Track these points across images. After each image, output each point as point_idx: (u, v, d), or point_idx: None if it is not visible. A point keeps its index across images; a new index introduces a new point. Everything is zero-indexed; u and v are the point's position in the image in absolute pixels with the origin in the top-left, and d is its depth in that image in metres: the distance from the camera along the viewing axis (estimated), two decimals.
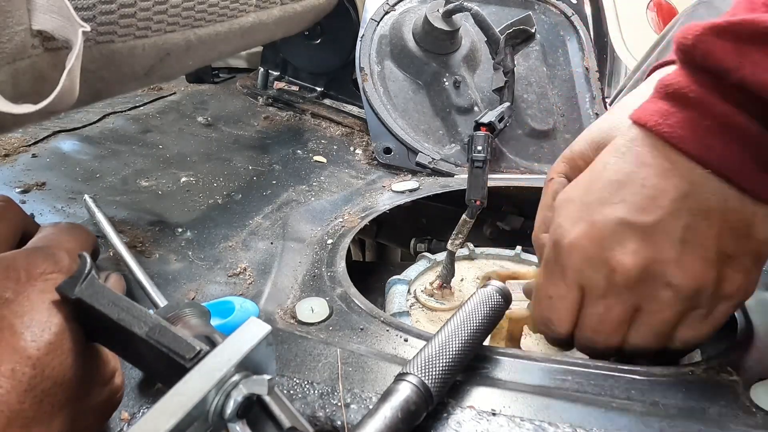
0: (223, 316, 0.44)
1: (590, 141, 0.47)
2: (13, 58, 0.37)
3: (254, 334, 0.29)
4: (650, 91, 0.50)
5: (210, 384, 0.26)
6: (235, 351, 0.28)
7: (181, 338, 0.29)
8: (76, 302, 0.32)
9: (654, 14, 1.77)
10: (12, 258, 0.36)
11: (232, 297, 0.47)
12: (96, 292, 0.32)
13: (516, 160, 0.81)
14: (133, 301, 0.31)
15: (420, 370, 0.33)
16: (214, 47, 0.65)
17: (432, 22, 0.83)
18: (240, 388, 0.27)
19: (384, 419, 0.30)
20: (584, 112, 0.87)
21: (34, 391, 0.29)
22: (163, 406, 0.25)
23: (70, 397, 0.31)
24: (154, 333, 0.30)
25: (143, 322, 0.30)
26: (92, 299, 0.31)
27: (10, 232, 0.42)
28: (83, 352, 0.33)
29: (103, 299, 0.31)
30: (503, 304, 0.41)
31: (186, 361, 0.28)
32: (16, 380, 0.28)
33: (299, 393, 0.37)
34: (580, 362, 0.40)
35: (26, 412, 0.28)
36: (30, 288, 0.33)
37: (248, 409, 0.28)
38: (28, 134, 0.82)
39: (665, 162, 0.36)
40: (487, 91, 0.84)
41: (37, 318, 0.31)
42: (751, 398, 0.36)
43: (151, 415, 0.25)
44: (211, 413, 0.27)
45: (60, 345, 0.31)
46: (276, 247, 0.58)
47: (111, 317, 0.31)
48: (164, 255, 0.56)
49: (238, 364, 0.28)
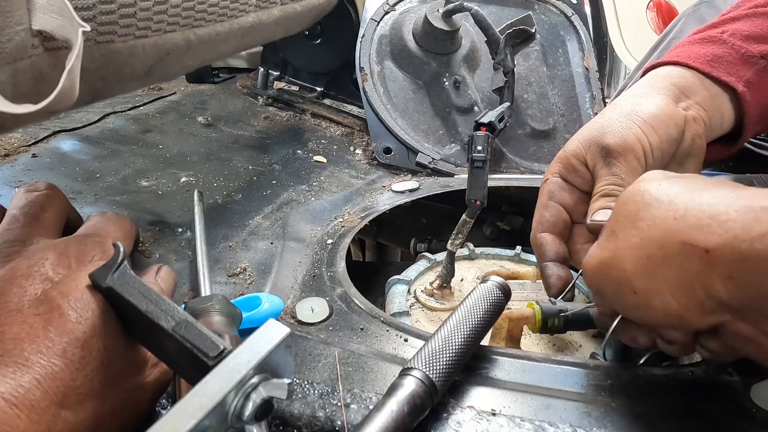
0: (250, 310, 0.44)
1: (583, 141, 0.48)
2: (13, 58, 0.36)
3: (273, 336, 0.29)
4: (643, 90, 0.51)
5: (230, 385, 0.27)
6: (254, 353, 0.28)
7: (206, 336, 0.30)
8: (107, 290, 0.33)
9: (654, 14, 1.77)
10: (64, 245, 0.38)
11: (259, 293, 0.47)
12: (127, 282, 0.33)
13: (516, 160, 0.81)
14: (162, 295, 0.32)
15: (424, 365, 0.34)
16: (214, 47, 0.65)
17: (432, 22, 0.83)
18: (259, 390, 0.28)
19: (391, 413, 0.31)
20: (584, 112, 0.87)
21: (85, 370, 0.31)
22: (183, 406, 0.25)
23: (120, 375, 0.33)
24: (180, 328, 0.30)
25: (170, 317, 0.31)
26: (122, 289, 0.32)
27: (58, 219, 0.44)
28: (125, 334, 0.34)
29: (133, 290, 0.32)
30: (503, 298, 0.42)
31: (209, 359, 0.29)
32: (68, 359, 0.30)
33: (299, 393, 0.37)
34: (580, 362, 0.40)
35: (79, 388, 0.30)
36: (78, 273, 0.34)
37: (266, 412, 0.28)
38: (28, 134, 0.82)
39: None
40: (487, 91, 0.84)
41: (81, 300, 0.33)
42: (751, 398, 0.36)
43: (172, 414, 0.25)
44: (230, 414, 0.27)
45: (104, 327, 0.32)
46: (276, 247, 0.58)
47: (139, 308, 0.31)
48: (164, 255, 0.56)
49: (257, 366, 0.28)
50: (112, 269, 0.33)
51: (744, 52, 0.50)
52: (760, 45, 0.50)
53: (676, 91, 0.49)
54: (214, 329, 0.34)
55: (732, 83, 0.49)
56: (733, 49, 0.50)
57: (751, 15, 0.52)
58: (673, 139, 0.46)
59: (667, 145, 0.46)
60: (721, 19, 0.54)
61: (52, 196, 0.44)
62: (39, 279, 0.34)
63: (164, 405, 0.37)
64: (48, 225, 0.42)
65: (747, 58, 0.49)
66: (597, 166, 0.46)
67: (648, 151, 0.45)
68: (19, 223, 0.40)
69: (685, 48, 0.52)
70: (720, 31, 0.52)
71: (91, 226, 0.45)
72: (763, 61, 0.49)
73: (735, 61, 0.50)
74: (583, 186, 0.49)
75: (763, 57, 0.49)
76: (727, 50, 0.50)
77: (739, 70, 0.49)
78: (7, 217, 0.41)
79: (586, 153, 0.47)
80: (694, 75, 0.50)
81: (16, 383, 0.28)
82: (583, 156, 0.48)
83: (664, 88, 0.49)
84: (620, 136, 0.45)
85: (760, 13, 0.52)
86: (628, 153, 0.45)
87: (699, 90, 0.49)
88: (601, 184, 0.45)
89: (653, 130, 0.46)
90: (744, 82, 0.49)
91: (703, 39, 0.52)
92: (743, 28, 0.51)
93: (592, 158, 0.47)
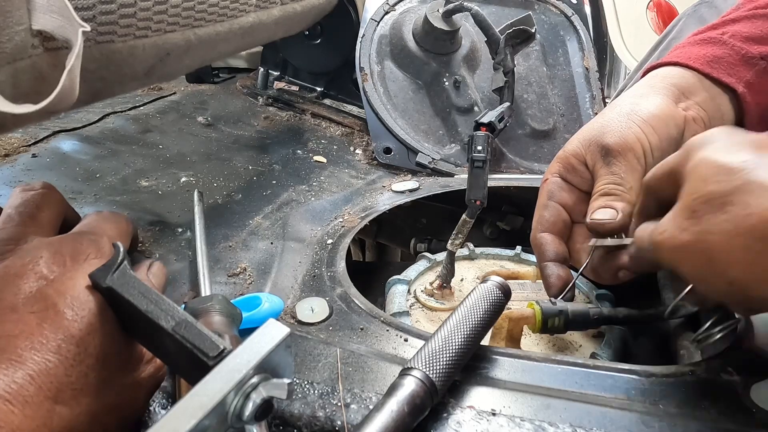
0: (250, 310, 0.44)
1: (583, 141, 0.48)
2: (13, 58, 0.36)
3: (273, 336, 0.29)
4: (643, 90, 0.51)
5: (230, 385, 0.27)
6: (254, 352, 0.28)
7: (206, 336, 0.30)
8: (107, 290, 0.33)
9: (654, 14, 1.77)
10: (59, 242, 0.38)
11: (259, 293, 0.47)
12: (127, 282, 0.33)
13: (516, 160, 0.81)
14: (162, 295, 0.32)
15: (424, 365, 0.34)
16: (214, 47, 0.65)
17: (432, 22, 0.83)
18: (259, 390, 0.28)
19: (391, 413, 0.31)
20: (584, 112, 0.87)
21: (80, 366, 0.31)
22: (183, 406, 0.25)
23: (115, 372, 0.33)
24: (181, 328, 0.30)
25: (170, 316, 0.31)
26: (122, 289, 0.32)
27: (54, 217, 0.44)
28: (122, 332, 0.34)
29: (133, 290, 0.32)
30: (503, 298, 0.42)
31: (209, 359, 0.29)
32: (62, 356, 0.30)
33: (299, 393, 0.37)
34: (580, 362, 0.40)
35: (74, 384, 0.30)
36: (74, 271, 0.34)
37: (266, 412, 0.28)
38: (28, 134, 0.82)
39: None
40: (487, 91, 0.84)
41: (78, 298, 0.33)
42: (751, 398, 0.36)
43: (172, 414, 0.25)
44: (230, 414, 0.27)
45: (100, 325, 0.33)
46: (276, 247, 0.58)
47: (139, 308, 0.31)
48: (164, 255, 0.56)
49: (257, 366, 0.28)
50: (112, 269, 0.33)
51: (744, 53, 0.50)
52: (761, 46, 0.50)
53: (676, 92, 0.49)
54: (214, 329, 0.34)
55: (732, 84, 0.49)
56: (733, 51, 0.50)
57: (751, 16, 0.52)
58: (672, 139, 0.46)
59: (667, 145, 0.46)
60: (722, 21, 0.54)
61: (47, 195, 0.44)
62: (34, 277, 0.34)
63: (164, 405, 0.37)
64: (43, 224, 0.42)
65: (747, 60, 0.49)
66: (597, 166, 0.46)
67: (648, 150, 0.45)
68: (13, 222, 0.40)
69: (686, 49, 0.52)
70: (720, 32, 0.52)
71: (86, 224, 0.44)
72: (763, 62, 0.49)
73: (735, 62, 0.50)
74: (583, 186, 0.49)
75: (763, 58, 0.49)
76: (727, 51, 0.50)
77: (739, 71, 0.49)
78: (3, 216, 0.41)
79: (586, 153, 0.47)
80: (694, 76, 0.50)
81: (9, 379, 0.28)
82: (583, 156, 0.48)
83: (664, 88, 0.49)
84: (620, 135, 0.45)
85: (760, 14, 0.52)
86: (627, 152, 0.45)
87: (699, 91, 0.49)
88: (601, 184, 0.45)
89: (653, 129, 0.46)
90: (744, 83, 0.49)
91: (703, 40, 0.52)
92: (743, 29, 0.51)
93: (592, 158, 0.47)
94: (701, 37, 0.53)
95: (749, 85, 0.49)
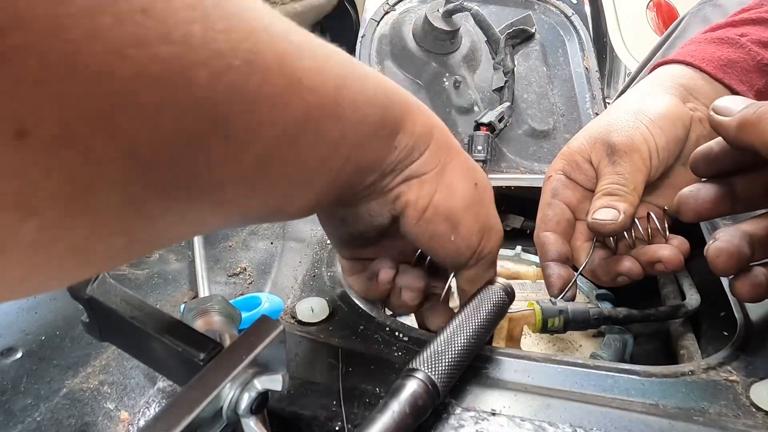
0: (250, 310, 0.44)
1: (589, 138, 0.47)
2: None
3: (266, 331, 0.29)
4: (651, 88, 0.50)
5: (224, 381, 0.27)
6: (247, 348, 0.28)
7: (195, 335, 0.30)
8: (87, 301, 0.32)
9: (654, 14, 1.77)
10: None
11: (259, 293, 0.47)
12: (108, 290, 0.32)
13: (516, 160, 0.81)
14: (144, 300, 0.31)
15: (427, 366, 0.34)
16: None
17: (432, 22, 0.83)
18: (254, 384, 0.28)
19: (392, 414, 0.31)
20: (584, 112, 0.87)
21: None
22: (177, 402, 0.25)
23: None
24: (168, 331, 0.30)
25: (156, 320, 0.30)
26: (105, 297, 0.32)
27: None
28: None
29: (115, 297, 0.32)
30: (507, 300, 0.41)
31: (200, 358, 0.29)
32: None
33: (299, 393, 0.37)
34: (580, 362, 0.40)
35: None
36: None
37: (262, 405, 0.28)
38: None
39: None
40: (487, 91, 0.84)
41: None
42: (751, 398, 0.36)
43: (166, 411, 0.25)
44: (225, 409, 0.27)
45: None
46: (276, 247, 0.58)
47: (123, 315, 0.31)
48: (164, 255, 0.56)
49: (251, 362, 0.28)
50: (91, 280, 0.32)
51: (760, 59, 0.49)
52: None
53: (684, 92, 0.48)
54: (213, 329, 0.34)
55: (743, 93, 0.48)
56: (749, 56, 0.49)
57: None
58: (679, 140, 0.46)
59: (674, 146, 0.45)
60: (741, 18, 0.52)
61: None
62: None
63: (159, 401, 0.37)
64: None
65: (762, 67, 0.49)
66: (601, 164, 0.46)
67: (654, 151, 0.45)
68: None
69: (700, 46, 0.51)
70: (739, 33, 0.50)
71: None
72: None
73: (749, 68, 0.49)
74: (587, 183, 0.48)
75: None
76: (743, 56, 0.49)
77: (752, 78, 0.48)
78: None
79: (591, 150, 0.47)
80: (704, 78, 0.49)
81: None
82: (588, 153, 0.47)
83: (672, 87, 0.48)
84: (627, 135, 0.45)
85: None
86: (633, 153, 0.44)
87: (708, 93, 0.48)
88: (605, 183, 0.45)
89: (661, 130, 0.45)
90: (755, 91, 0.48)
91: (720, 39, 0.51)
92: (764, 33, 0.50)
93: (597, 156, 0.46)
94: (718, 35, 0.51)
95: (760, 93, 0.48)
